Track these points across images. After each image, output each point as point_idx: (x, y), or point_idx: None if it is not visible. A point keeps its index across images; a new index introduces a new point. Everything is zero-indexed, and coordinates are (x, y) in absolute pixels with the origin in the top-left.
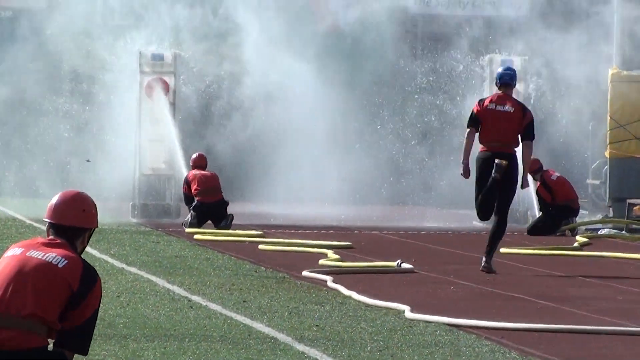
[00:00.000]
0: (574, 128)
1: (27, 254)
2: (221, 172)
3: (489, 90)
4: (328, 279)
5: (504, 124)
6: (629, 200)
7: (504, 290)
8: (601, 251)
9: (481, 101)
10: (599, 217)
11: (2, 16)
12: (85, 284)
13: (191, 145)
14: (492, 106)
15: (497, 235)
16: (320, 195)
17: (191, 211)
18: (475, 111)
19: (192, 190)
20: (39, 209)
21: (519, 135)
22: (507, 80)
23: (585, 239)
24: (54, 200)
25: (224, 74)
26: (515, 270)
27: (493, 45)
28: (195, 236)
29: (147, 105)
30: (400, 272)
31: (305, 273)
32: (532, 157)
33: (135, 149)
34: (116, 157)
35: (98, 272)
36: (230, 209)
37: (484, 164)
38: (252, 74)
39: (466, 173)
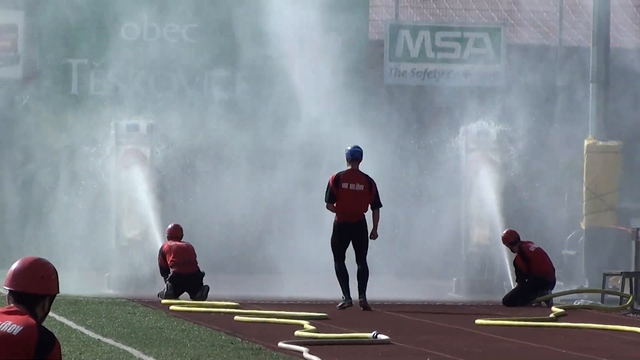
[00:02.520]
0: (549, 198)
1: None
2: (196, 243)
3: (465, 159)
4: (304, 350)
5: (357, 202)
6: (604, 271)
7: None
8: (577, 322)
9: (337, 180)
10: (574, 288)
11: None
12: (41, 349)
13: (167, 215)
14: (346, 186)
15: (365, 276)
16: (297, 266)
17: (167, 282)
18: (332, 189)
19: (168, 262)
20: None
21: (369, 205)
22: (357, 156)
23: (561, 310)
24: (13, 266)
25: (200, 143)
26: (490, 341)
27: (466, 114)
28: (171, 307)
29: (124, 176)
30: (377, 343)
31: (281, 344)
32: (508, 229)
33: (112, 220)
34: (92, 228)
35: (74, 343)
36: (206, 280)
37: (343, 231)
38: (231, 144)
39: None
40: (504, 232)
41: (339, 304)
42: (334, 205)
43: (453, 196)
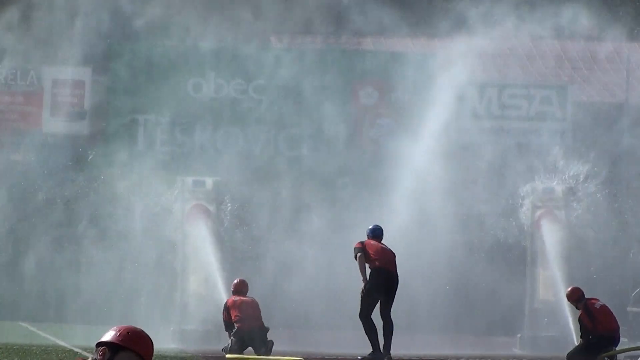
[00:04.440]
0: (615, 255)
1: None
2: (261, 298)
3: (532, 216)
4: None
5: (389, 255)
6: None
7: None
8: None
9: (362, 242)
10: (639, 344)
11: (48, 142)
12: None
13: (232, 271)
14: (375, 242)
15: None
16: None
17: (231, 337)
18: (358, 247)
19: (232, 316)
20: (78, 334)
21: None
22: (378, 234)
23: None
24: (131, 327)
25: (264, 200)
26: None
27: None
28: None
29: (190, 231)
30: None
31: None
32: (572, 286)
33: (178, 275)
34: (157, 283)
35: None
36: (270, 335)
37: (381, 278)
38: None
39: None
40: (569, 289)
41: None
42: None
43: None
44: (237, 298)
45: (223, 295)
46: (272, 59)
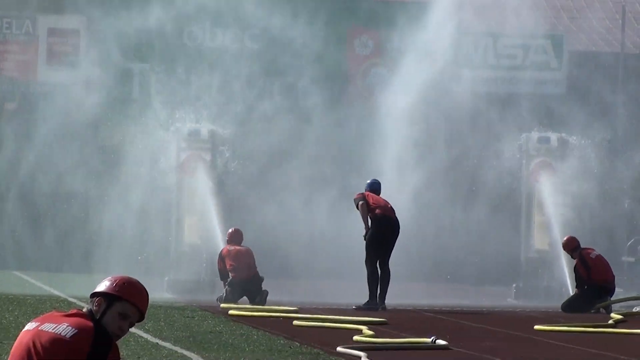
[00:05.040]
0: (610, 205)
1: (40, 328)
2: (256, 247)
3: (526, 166)
4: (362, 355)
5: (389, 205)
6: None
7: None
8: (636, 329)
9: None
10: (634, 294)
11: (39, 91)
12: (96, 351)
13: (228, 220)
14: (375, 194)
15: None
16: (357, 272)
17: (226, 287)
18: (358, 196)
19: (227, 266)
20: (74, 284)
21: None
22: (376, 187)
23: (620, 316)
24: (125, 277)
25: (264, 151)
26: (549, 347)
27: (528, 122)
28: (230, 311)
29: (185, 181)
30: (435, 348)
31: (339, 349)
32: (568, 235)
33: (173, 225)
34: (152, 232)
35: (132, 347)
36: (265, 285)
37: (383, 226)
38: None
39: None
40: (565, 238)
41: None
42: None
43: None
44: (232, 247)
45: (218, 245)
46: (267, 7)
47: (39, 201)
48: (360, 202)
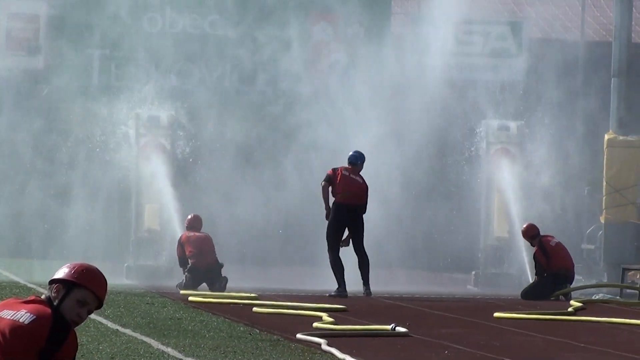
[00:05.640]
0: (569, 192)
1: None
2: (215, 234)
3: (486, 154)
4: (322, 342)
5: (356, 188)
6: (623, 266)
7: (497, 355)
8: (595, 316)
9: (335, 169)
10: (593, 282)
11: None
12: (53, 339)
13: (187, 207)
14: (346, 173)
15: (367, 266)
16: (316, 258)
17: (185, 273)
18: (329, 174)
19: (186, 252)
20: (33, 270)
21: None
22: (352, 160)
23: (580, 304)
24: (86, 264)
25: (219, 133)
26: (508, 334)
27: (486, 109)
28: (190, 298)
29: (144, 167)
30: (395, 335)
31: (299, 336)
32: (528, 222)
33: (131, 210)
34: (111, 218)
35: (92, 333)
36: (224, 271)
37: (341, 213)
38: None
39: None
40: (525, 225)
41: (333, 294)
42: (331, 187)
43: (473, 190)
44: (191, 234)
45: (177, 231)
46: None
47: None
48: (322, 183)
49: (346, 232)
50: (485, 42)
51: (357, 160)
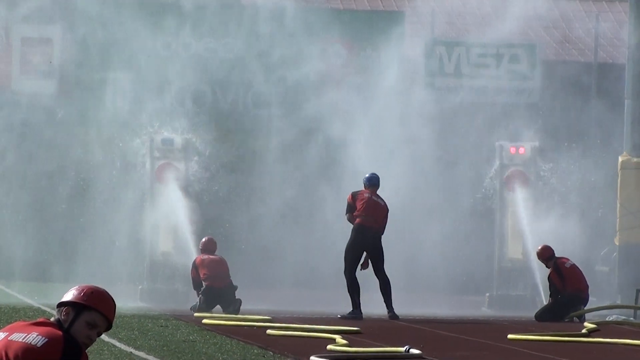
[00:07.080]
0: (583, 214)
1: (9, 338)
2: (229, 256)
3: (500, 175)
4: None
5: (378, 210)
6: (637, 287)
7: None
8: (609, 338)
9: (355, 193)
10: (607, 304)
11: (13, 100)
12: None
13: (203, 229)
14: (368, 195)
15: (388, 289)
16: (332, 280)
17: (199, 295)
18: (350, 202)
19: (201, 275)
20: (48, 293)
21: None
22: (375, 182)
23: (594, 326)
24: (91, 286)
25: (234, 159)
26: (522, 356)
27: (501, 131)
28: (204, 320)
29: (158, 190)
30: (409, 357)
31: (313, 358)
32: (543, 244)
33: (146, 234)
34: (125, 242)
35: (106, 356)
36: (238, 294)
37: (362, 235)
38: (264, 162)
39: None
40: (539, 247)
41: (347, 315)
42: (353, 214)
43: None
44: (205, 256)
45: (192, 253)
46: (243, 18)
47: (18, 210)
48: (347, 216)
49: (364, 255)
50: (499, 64)
51: (377, 181)
